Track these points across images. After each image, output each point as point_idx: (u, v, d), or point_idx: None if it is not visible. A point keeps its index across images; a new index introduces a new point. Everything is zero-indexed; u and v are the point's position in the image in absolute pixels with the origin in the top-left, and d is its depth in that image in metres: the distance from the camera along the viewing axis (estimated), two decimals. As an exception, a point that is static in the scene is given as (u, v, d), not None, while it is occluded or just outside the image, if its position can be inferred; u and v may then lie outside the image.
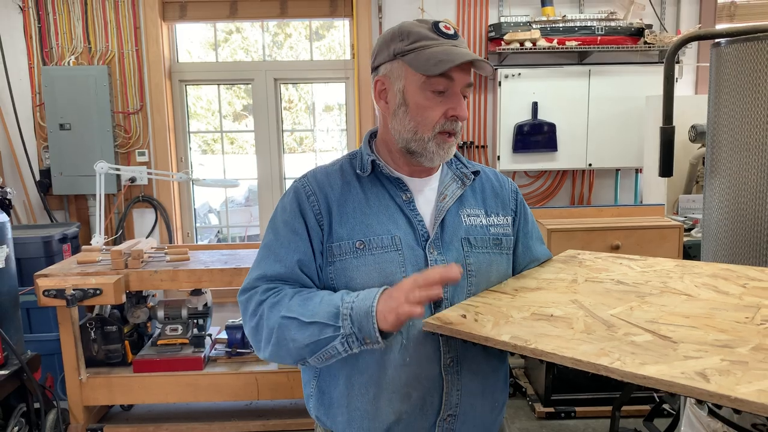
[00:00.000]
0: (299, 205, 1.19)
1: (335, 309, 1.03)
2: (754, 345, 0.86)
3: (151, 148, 4.22)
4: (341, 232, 1.15)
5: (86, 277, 2.71)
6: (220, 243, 4.54)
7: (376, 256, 1.13)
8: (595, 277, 1.24)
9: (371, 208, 1.18)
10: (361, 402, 1.15)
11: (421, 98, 1.14)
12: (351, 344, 1.03)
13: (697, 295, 1.10)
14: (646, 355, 0.85)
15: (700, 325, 0.95)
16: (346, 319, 1.02)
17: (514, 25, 3.95)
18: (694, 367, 0.80)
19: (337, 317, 1.03)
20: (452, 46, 1.12)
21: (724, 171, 1.47)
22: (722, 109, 1.47)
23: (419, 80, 1.13)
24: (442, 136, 1.16)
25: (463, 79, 1.14)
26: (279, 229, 1.19)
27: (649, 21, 4.03)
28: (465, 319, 1.05)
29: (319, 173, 1.24)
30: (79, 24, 4.07)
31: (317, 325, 1.04)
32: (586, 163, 4.08)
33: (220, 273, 2.79)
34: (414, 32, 1.14)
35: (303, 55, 4.44)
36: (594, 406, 3.08)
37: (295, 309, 1.07)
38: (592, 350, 0.88)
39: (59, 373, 3.03)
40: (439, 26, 1.14)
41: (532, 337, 0.95)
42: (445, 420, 1.16)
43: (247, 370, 2.94)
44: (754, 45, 1.36)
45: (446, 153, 1.19)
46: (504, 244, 1.25)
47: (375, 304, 1.00)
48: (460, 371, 1.15)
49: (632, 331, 0.95)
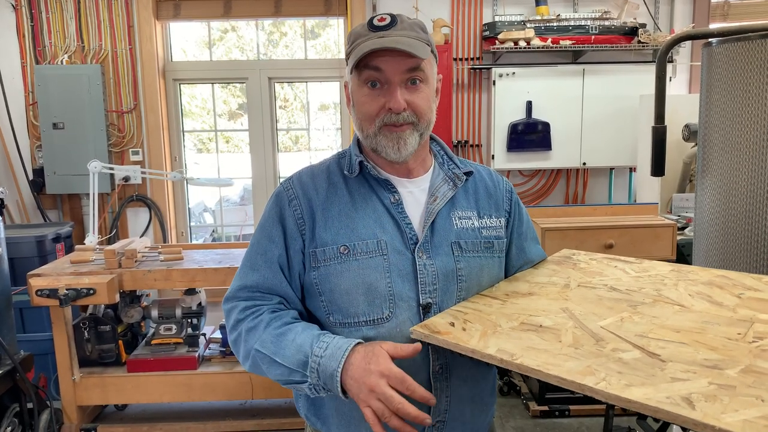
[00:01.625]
0: (280, 211, 1.18)
1: (304, 357, 1.04)
2: (743, 366, 0.86)
3: (145, 147, 4.21)
4: (325, 237, 1.14)
5: (79, 276, 2.70)
6: (214, 242, 4.53)
7: (360, 262, 1.12)
8: (588, 282, 1.23)
9: (357, 211, 1.16)
10: (348, 406, 1.14)
11: (359, 95, 1.14)
12: (318, 391, 1.05)
13: (690, 305, 1.09)
14: (632, 376, 0.85)
15: (690, 341, 0.95)
16: (313, 372, 1.03)
17: (509, 24, 3.95)
18: (680, 391, 0.80)
19: (305, 366, 1.04)
20: (378, 38, 1.09)
21: (715, 170, 1.47)
22: (713, 108, 1.48)
23: (356, 78, 1.13)
24: (387, 128, 1.13)
25: (395, 67, 1.09)
26: (258, 236, 1.20)
27: (643, 20, 4.05)
28: (453, 328, 1.04)
29: (305, 175, 1.22)
30: (72, 23, 4.06)
31: (287, 368, 1.06)
32: (581, 162, 4.09)
33: (214, 272, 2.78)
34: (354, 32, 1.14)
35: (298, 54, 4.44)
36: (588, 405, 3.10)
37: (268, 345, 1.08)
38: (578, 368, 0.88)
39: (52, 373, 3.02)
40: (372, 21, 1.13)
41: (519, 350, 0.94)
42: (434, 426, 1.15)
43: (241, 370, 2.94)
44: (745, 45, 1.37)
45: (398, 144, 1.13)
46: (496, 247, 1.22)
47: (339, 369, 1.00)
48: (449, 378, 1.14)
49: (621, 347, 0.94)
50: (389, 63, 1.09)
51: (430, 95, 1.15)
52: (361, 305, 1.11)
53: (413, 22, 1.14)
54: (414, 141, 1.14)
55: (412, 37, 1.10)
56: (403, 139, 1.13)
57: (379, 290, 1.11)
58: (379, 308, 1.11)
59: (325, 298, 1.14)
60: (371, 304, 1.11)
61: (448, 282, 1.14)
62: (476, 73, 4.18)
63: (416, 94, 1.12)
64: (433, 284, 1.13)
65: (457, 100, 4.21)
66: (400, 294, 1.12)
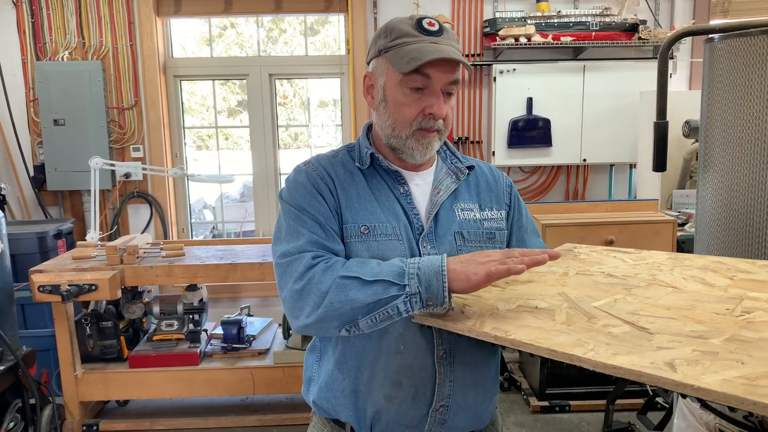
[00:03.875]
0: (313, 184, 1.18)
1: (399, 269, 1.04)
2: (728, 336, 0.88)
3: (145, 143, 4.21)
4: (347, 216, 1.16)
5: (81, 272, 2.71)
6: (215, 239, 4.54)
7: (380, 243, 1.14)
8: (587, 270, 1.25)
9: (375, 195, 1.19)
10: (355, 384, 1.18)
11: (398, 95, 1.15)
12: (413, 304, 1.02)
13: (684, 287, 1.11)
14: (620, 346, 0.87)
15: (679, 317, 0.97)
16: (413, 278, 1.02)
17: (509, 21, 3.95)
18: (664, 358, 0.82)
19: (402, 276, 1.03)
20: (431, 43, 1.11)
21: (716, 166, 1.48)
22: (715, 104, 1.48)
23: (397, 77, 1.14)
24: (421, 132, 1.16)
25: (442, 76, 1.12)
26: (296, 210, 1.16)
27: (644, 17, 4.05)
28: (452, 311, 1.06)
29: (323, 159, 1.25)
30: (73, 19, 4.05)
31: (381, 283, 1.03)
32: (581, 159, 4.10)
33: (215, 268, 2.79)
34: (397, 29, 1.15)
35: (298, 51, 4.44)
36: (588, 400, 3.11)
37: (355, 269, 1.06)
38: (569, 341, 0.90)
39: (55, 369, 3.03)
40: (422, 23, 1.14)
41: (513, 328, 0.97)
42: (437, 410, 1.17)
43: (242, 366, 2.95)
44: (746, 41, 1.37)
45: (426, 149, 1.18)
46: (497, 238, 1.25)
47: (445, 264, 1.02)
48: (453, 363, 1.17)
49: (611, 323, 0.96)
50: (439, 72, 1.12)
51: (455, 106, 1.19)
52: None
53: (453, 33, 1.18)
54: (436, 146, 1.21)
55: (456, 48, 1.15)
56: (432, 144, 1.18)
57: None
58: None
59: None
60: None
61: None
62: (477, 69, 4.18)
63: (449, 104, 1.17)
64: None
65: (458, 97, 4.21)
66: None
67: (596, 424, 2.97)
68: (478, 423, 1.25)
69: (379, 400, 1.16)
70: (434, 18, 1.16)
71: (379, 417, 1.18)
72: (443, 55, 1.09)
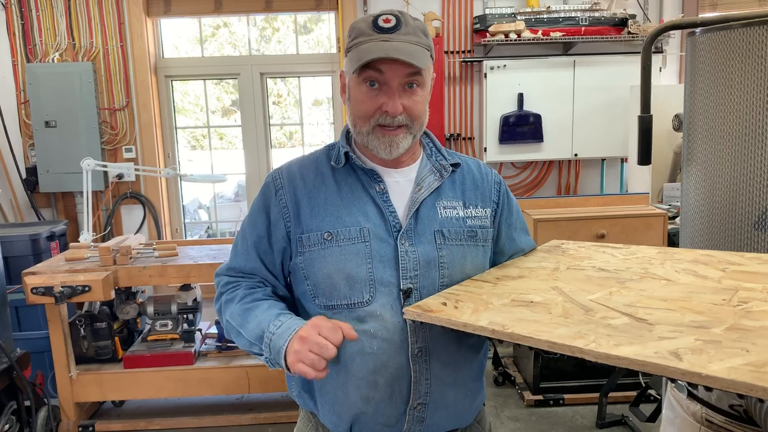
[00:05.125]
0: (265, 200, 1.25)
1: (261, 332, 1.13)
2: (729, 325, 0.88)
3: (138, 144, 4.21)
4: (311, 224, 1.19)
5: (74, 274, 2.71)
6: (208, 238, 4.54)
7: (342, 248, 1.16)
8: (578, 265, 1.26)
9: (343, 199, 1.20)
10: (332, 386, 1.19)
11: (357, 92, 1.17)
12: (273, 364, 1.13)
13: (677, 279, 1.11)
14: (621, 337, 0.87)
15: (677, 308, 0.97)
16: (266, 348, 1.11)
17: (499, 17, 3.96)
18: (667, 347, 0.82)
19: (261, 340, 1.12)
20: (381, 41, 1.11)
21: (699, 159, 1.49)
22: (697, 97, 1.50)
23: (356, 75, 1.15)
24: (380, 129, 1.16)
25: (396, 72, 1.12)
26: (245, 223, 1.29)
27: (633, 11, 4.06)
28: (445, 307, 1.06)
29: (294, 165, 1.27)
30: (63, 20, 4.05)
31: (248, 340, 1.17)
32: (572, 153, 4.12)
33: (208, 268, 2.79)
34: (357, 28, 1.16)
35: (291, 50, 4.44)
36: (582, 393, 3.13)
37: (236, 318, 1.19)
38: (568, 333, 0.90)
39: (49, 371, 3.03)
40: (377, 21, 1.14)
41: (510, 322, 0.96)
42: (415, 408, 1.17)
43: (237, 364, 2.96)
44: (728, 34, 1.38)
45: (389, 147, 1.17)
46: (480, 236, 1.25)
47: (285, 347, 1.07)
48: (428, 361, 1.16)
49: (609, 315, 0.96)
50: (390, 67, 1.12)
51: (425, 98, 1.19)
52: (343, 289, 1.16)
53: (416, 25, 1.17)
54: (407, 143, 1.19)
55: (413, 42, 1.13)
56: (396, 142, 1.17)
57: (360, 275, 1.15)
58: (360, 292, 1.15)
59: (310, 282, 1.19)
60: (352, 288, 1.15)
61: (429, 269, 1.17)
62: (467, 66, 4.19)
63: (413, 98, 1.16)
64: (414, 270, 1.16)
65: (449, 94, 4.22)
66: (381, 279, 1.15)
67: (590, 417, 2.99)
68: (460, 421, 1.26)
69: (356, 401, 1.17)
70: (397, 13, 1.15)
71: (357, 417, 1.18)
72: (382, 55, 1.09)
